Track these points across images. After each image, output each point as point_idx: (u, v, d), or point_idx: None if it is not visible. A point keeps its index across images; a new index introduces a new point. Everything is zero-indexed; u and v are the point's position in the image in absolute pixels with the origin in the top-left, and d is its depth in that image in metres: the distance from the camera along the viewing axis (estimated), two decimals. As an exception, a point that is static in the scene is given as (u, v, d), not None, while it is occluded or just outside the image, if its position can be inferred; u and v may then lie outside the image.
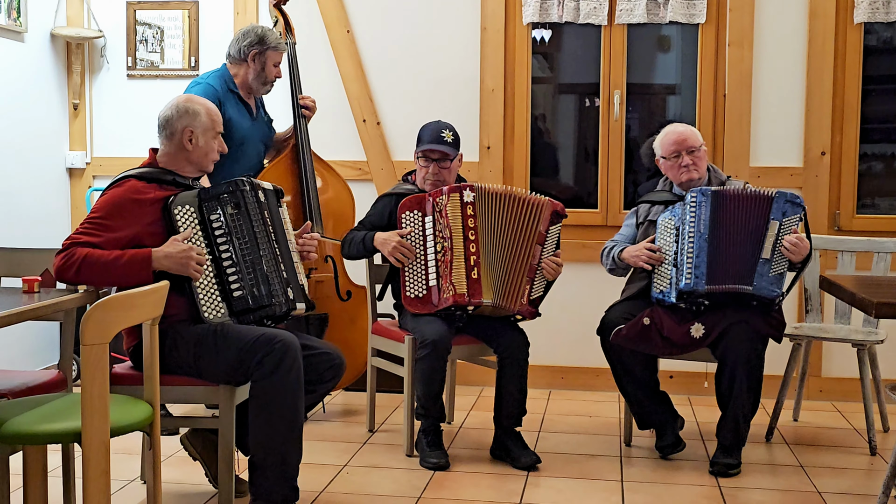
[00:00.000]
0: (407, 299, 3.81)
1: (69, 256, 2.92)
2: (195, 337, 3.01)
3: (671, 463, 3.83)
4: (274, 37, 4.23)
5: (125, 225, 3.00)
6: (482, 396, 4.86)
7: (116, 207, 3.02)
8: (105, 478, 2.39)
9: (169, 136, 3.17)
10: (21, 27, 4.88)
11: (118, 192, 3.06)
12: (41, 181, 5.13)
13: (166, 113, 3.18)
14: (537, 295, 3.83)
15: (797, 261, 3.66)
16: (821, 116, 4.80)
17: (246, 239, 3.08)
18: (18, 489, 2.86)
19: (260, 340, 2.97)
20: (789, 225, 3.68)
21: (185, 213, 3.05)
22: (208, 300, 3.04)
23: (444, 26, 5.03)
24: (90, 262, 2.91)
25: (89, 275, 2.92)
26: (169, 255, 2.96)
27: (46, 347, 5.03)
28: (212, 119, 3.20)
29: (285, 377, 2.98)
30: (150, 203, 3.05)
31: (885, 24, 4.84)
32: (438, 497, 3.41)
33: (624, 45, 4.97)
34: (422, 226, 3.81)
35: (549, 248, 3.84)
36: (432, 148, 3.90)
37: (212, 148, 3.21)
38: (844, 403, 4.78)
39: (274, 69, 4.24)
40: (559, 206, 3.86)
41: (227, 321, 3.05)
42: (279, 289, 3.14)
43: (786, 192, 3.73)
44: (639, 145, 5.15)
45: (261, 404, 3.00)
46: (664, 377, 4.23)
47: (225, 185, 3.11)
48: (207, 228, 3.06)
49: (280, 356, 2.96)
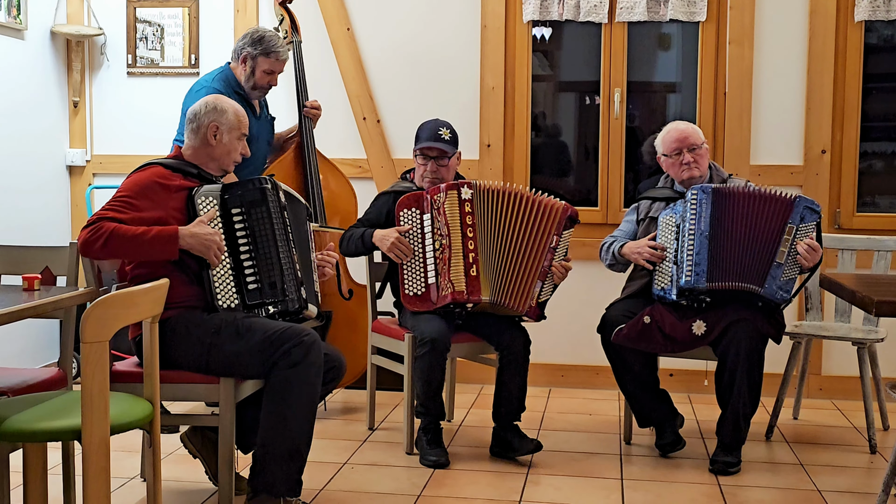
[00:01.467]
0: (406, 297, 3.81)
1: (96, 230, 2.92)
2: (214, 325, 3.02)
3: (671, 461, 3.83)
4: (272, 43, 4.10)
5: (152, 206, 3.03)
6: (482, 394, 4.86)
7: (144, 189, 3.06)
8: (105, 475, 2.39)
9: (195, 130, 3.21)
10: (21, 25, 4.88)
11: (145, 174, 3.11)
12: (41, 179, 5.13)
13: (195, 107, 3.23)
14: (546, 298, 3.83)
15: (807, 266, 3.66)
16: (821, 114, 4.80)
17: (265, 235, 3.12)
18: (18, 487, 2.87)
19: (288, 332, 3.00)
20: (805, 231, 3.67)
21: (207, 203, 3.10)
22: (223, 290, 3.07)
23: (444, 24, 5.03)
24: (117, 235, 2.92)
25: (116, 248, 2.94)
26: (195, 234, 3.00)
27: (46, 345, 5.03)
28: (238, 120, 3.25)
29: (309, 369, 3.00)
30: (176, 190, 3.10)
31: (886, 23, 4.84)
32: (438, 495, 3.41)
33: (624, 43, 4.96)
34: (420, 223, 3.81)
35: (561, 252, 3.83)
36: (430, 146, 3.90)
37: (235, 147, 3.25)
38: (844, 402, 4.79)
39: (266, 76, 4.13)
40: (573, 211, 3.85)
41: (238, 312, 3.07)
42: (293, 286, 3.15)
43: (805, 197, 3.72)
44: (639, 143, 5.15)
45: (280, 394, 3.00)
46: (664, 375, 4.23)
47: (248, 182, 3.16)
48: (229, 220, 3.10)
49: (307, 349, 2.99)
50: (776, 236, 3.67)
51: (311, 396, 3.04)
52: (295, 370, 2.98)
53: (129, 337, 3.15)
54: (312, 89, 4.62)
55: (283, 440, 3.00)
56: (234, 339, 3.00)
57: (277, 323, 3.06)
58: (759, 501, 3.40)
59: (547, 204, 3.82)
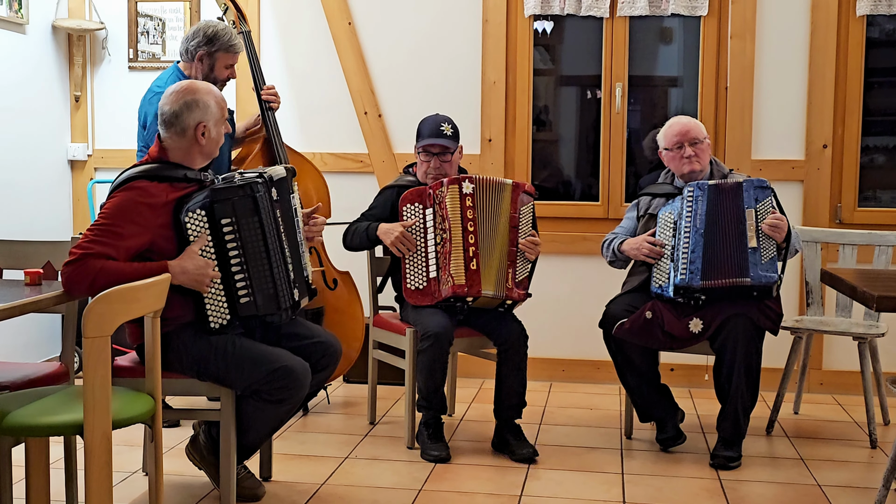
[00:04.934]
0: (408, 291, 3.82)
1: (81, 267, 2.77)
2: (207, 347, 2.99)
3: (672, 456, 3.84)
4: (227, 37, 4.00)
5: (137, 232, 2.87)
6: (483, 389, 4.86)
7: (127, 213, 2.88)
8: (107, 469, 2.40)
9: (180, 133, 3.02)
10: (22, 19, 4.88)
11: (127, 196, 2.91)
12: (43, 173, 5.13)
13: (173, 108, 3.02)
14: (522, 276, 3.83)
15: (781, 240, 3.67)
16: (823, 109, 4.79)
17: (257, 243, 3.02)
18: (21, 481, 2.87)
19: (279, 372, 2.98)
20: (764, 209, 3.69)
21: (195, 218, 2.94)
22: (214, 309, 2.98)
23: (445, 18, 5.02)
24: (105, 274, 2.77)
25: (102, 289, 2.67)
26: (186, 271, 2.88)
27: (48, 340, 5.04)
28: (220, 107, 3.10)
29: (286, 408, 3.07)
30: (162, 206, 2.93)
31: (888, 17, 4.83)
32: (439, 489, 3.42)
33: (626, 38, 4.96)
34: (422, 218, 3.82)
35: (525, 228, 3.84)
36: (432, 143, 3.90)
37: (221, 134, 3.12)
38: (845, 396, 4.79)
39: (225, 70, 4.04)
40: (526, 185, 3.88)
41: (233, 331, 3.04)
42: (286, 291, 3.10)
43: (752, 178, 3.75)
44: (640, 138, 5.15)
45: (250, 415, 3.06)
46: (665, 370, 4.24)
47: (238, 188, 3.00)
48: (218, 233, 2.97)
49: (293, 390, 3.02)
50: (741, 224, 3.68)
51: (279, 424, 3.17)
52: (274, 407, 3.04)
53: (131, 341, 3.11)
54: (313, 83, 4.62)
55: (239, 439, 3.12)
56: (221, 367, 2.99)
57: (272, 354, 3.02)
58: (760, 496, 3.40)
59: (501, 184, 3.84)
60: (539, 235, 3.92)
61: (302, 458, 3.75)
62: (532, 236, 3.85)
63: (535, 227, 3.91)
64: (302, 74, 5.09)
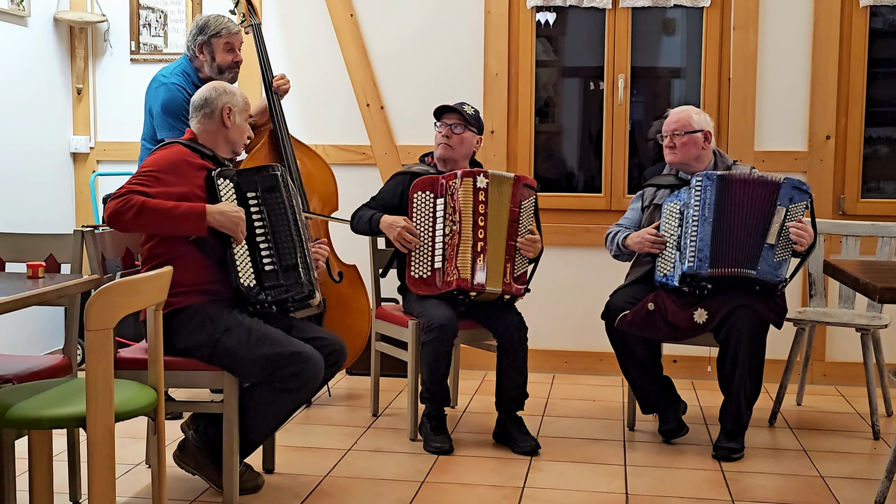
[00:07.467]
0: (411, 279, 3.82)
1: (126, 202, 2.96)
2: (227, 323, 3.05)
3: (674, 447, 3.84)
4: (217, 23, 4.08)
5: (178, 182, 3.08)
6: (486, 381, 4.87)
7: (171, 165, 3.11)
8: (110, 462, 2.40)
9: (209, 115, 3.24)
10: (24, 11, 4.87)
11: (171, 151, 3.17)
12: (45, 166, 5.13)
13: (203, 94, 3.26)
14: (520, 272, 3.83)
15: (801, 249, 3.66)
16: (826, 100, 4.78)
17: (280, 219, 3.19)
18: (24, 473, 2.88)
19: (294, 357, 3.03)
20: (795, 211, 3.67)
21: (225, 185, 3.16)
22: (244, 269, 3.11)
23: (448, 10, 5.01)
24: (147, 207, 2.96)
25: (146, 221, 2.99)
26: (223, 212, 3.05)
27: (51, 332, 5.05)
28: (245, 101, 3.33)
29: (299, 395, 3.10)
30: (199, 168, 3.16)
31: (892, 7, 4.81)
32: (442, 481, 3.42)
33: (628, 29, 4.95)
34: (433, 207, 3.82)
35: (525, 222, 3.84)
36: (449, 106, 3.95)
37: (245, 128, 3.32)
38: (848, 388, 4.79)
39: (228, 55, 4.11)
40: (527, 179, 3.88)
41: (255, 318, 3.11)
42: (303, 271, 3.20)
43: (793, 178, 3.72)
44: (643, 129, 5.14)
45: (258, 403, 3.07)
46: (668, 361, 4.24)
47: (262, 168, 3.24)
48: (244, 204, 3.16)
49: (307, 378, 3.06)
50: (766, 218, 3.67)
51: (289, 412, 3.18)
52: (288, 394, 3.07)
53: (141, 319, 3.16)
54: (315, 75, 4.61)
55: (241, 435, 3.12)
56: (242, 342, 3.02)
57: (288, 341, 3.07)
58: (762, 487, 3.41)
59: (502, 177, 3.83)
60: (542, 227, 3.91)
61: (305, 449, 3.76)
62: (532, 234, 3.85)
63: (538, 219, 3.90)
64: (304, 66, 5.08)
